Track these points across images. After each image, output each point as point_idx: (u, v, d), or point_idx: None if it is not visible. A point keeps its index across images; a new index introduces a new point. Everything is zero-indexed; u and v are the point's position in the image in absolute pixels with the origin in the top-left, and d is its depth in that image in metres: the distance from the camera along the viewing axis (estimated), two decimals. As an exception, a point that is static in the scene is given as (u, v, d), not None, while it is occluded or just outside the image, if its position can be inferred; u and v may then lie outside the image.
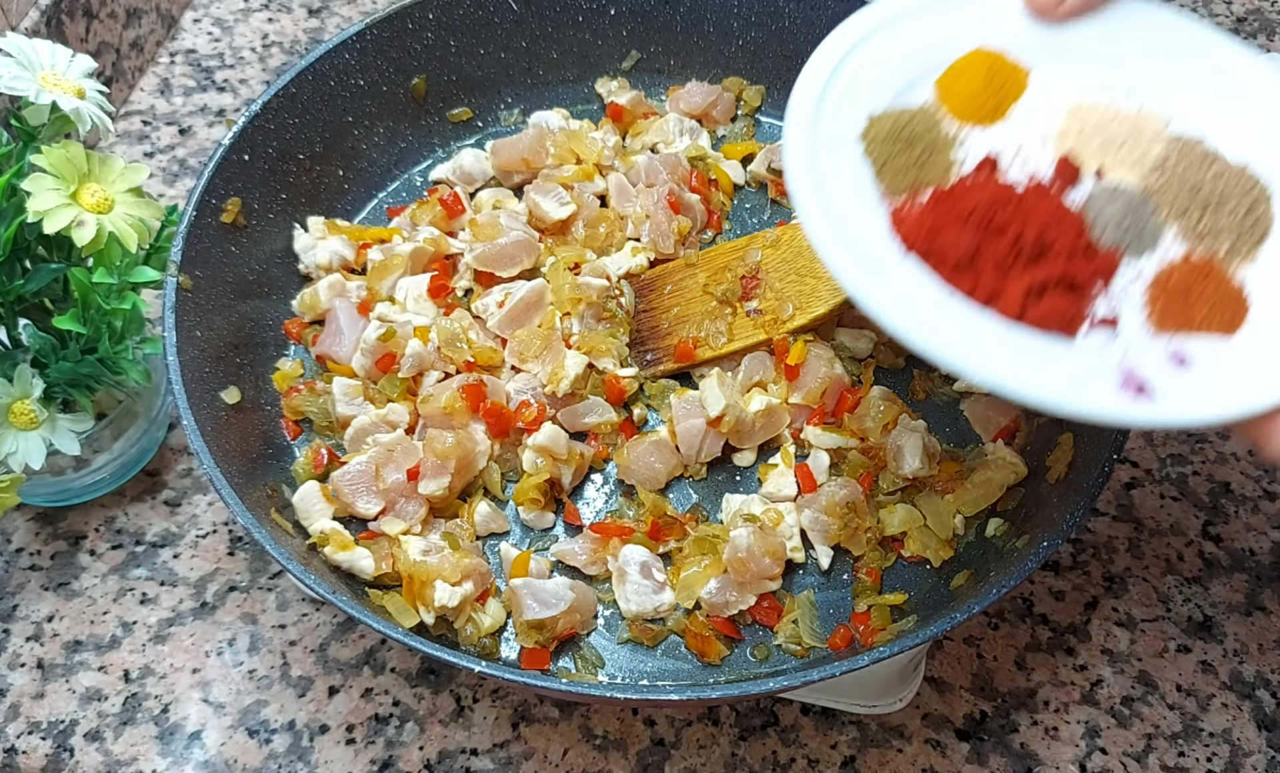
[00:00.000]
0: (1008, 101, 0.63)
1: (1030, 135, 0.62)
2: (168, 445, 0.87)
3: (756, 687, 0.62)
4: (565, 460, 0.76)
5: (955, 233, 0.56)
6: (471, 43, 0.94)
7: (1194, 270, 0.58)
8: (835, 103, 0.61)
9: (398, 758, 0.72)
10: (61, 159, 0.66)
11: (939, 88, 0.63)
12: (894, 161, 0.60)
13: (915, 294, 0.55)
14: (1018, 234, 0.56)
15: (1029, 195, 0.58)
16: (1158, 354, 0.55)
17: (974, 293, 0.55)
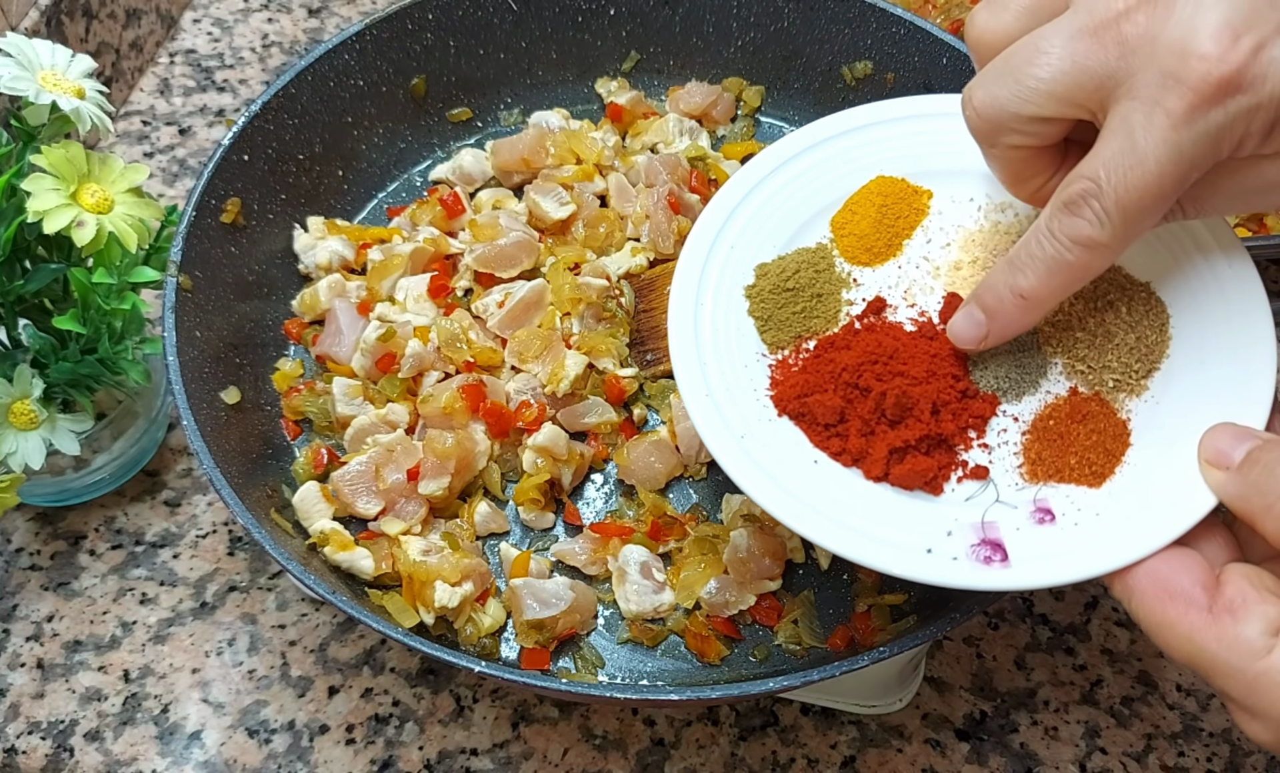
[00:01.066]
0: (903, 233, 0.62)
1: (922, 271, 0.61)
2: (168, 445, 0.87)
3: (756, 687, 0.62)
4: (565, 461, 0.76)
5: (823, 395, 0.56)
6: (471, 43, 0.94)
7: (1074, 411, 0.56)
8: (725, 253, 0.60)
9: (398, 758, 0.72)
10: (61, 159, 0.66)
11: (833, 226, 0.61)
12: (778, 314, 0.59)
13: (780, 462, 0.55)
14: (880, 395, 0.55)
15: (907, 342, 0.57)
16: (1022, 510, 0.54)
17: (841, 456, 0.56)
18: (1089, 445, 0.55)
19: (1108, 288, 0.58)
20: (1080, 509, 0.54)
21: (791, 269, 0.60)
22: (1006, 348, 0.57)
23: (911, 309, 0.60)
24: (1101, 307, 0.57)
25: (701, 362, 0.57)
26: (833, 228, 0.61)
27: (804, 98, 0.96)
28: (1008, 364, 0.57)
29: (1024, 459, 0.56)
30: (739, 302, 0.60)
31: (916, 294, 0.60)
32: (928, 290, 0.60)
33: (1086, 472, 0.55)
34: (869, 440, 0.56)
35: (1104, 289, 0.58)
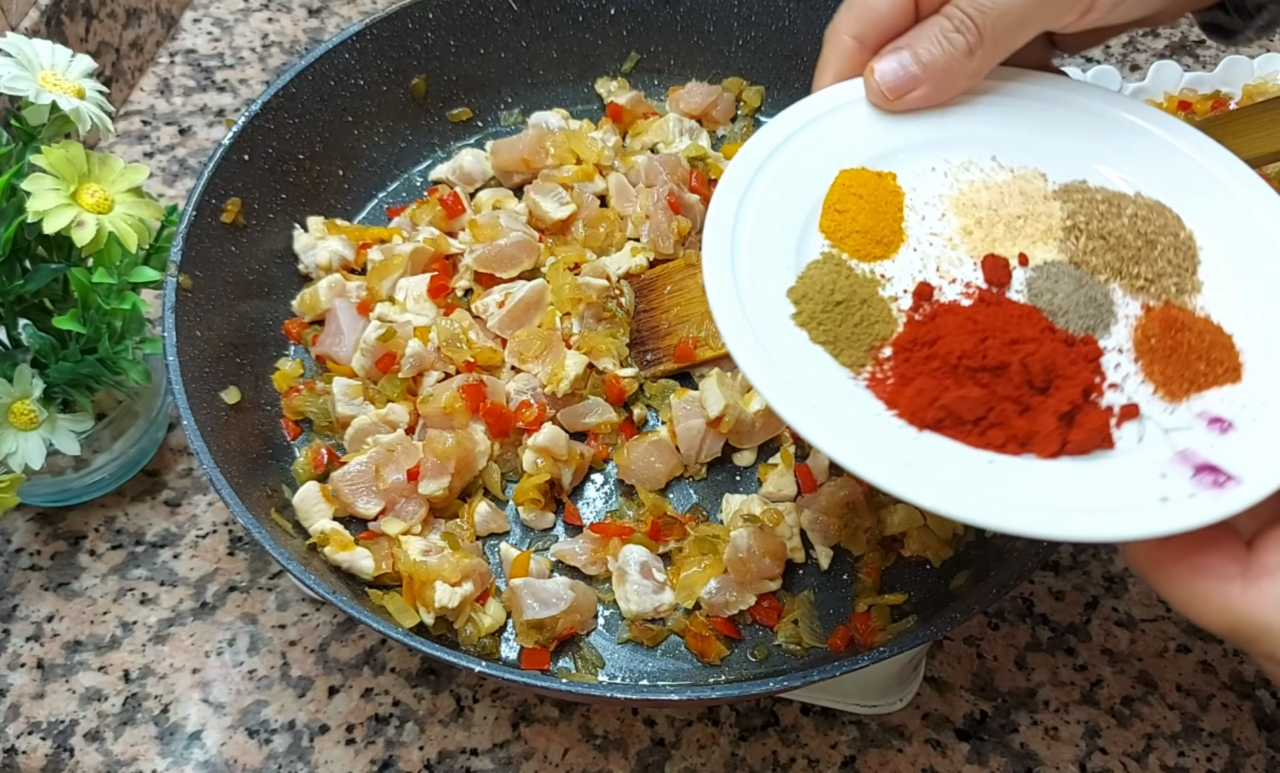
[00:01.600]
0: (898, 217, 0.60)
1: (937, 247, 0.59)
2: (168, 445, 0.87)
3: (756, 687, 0.62)
4: (565, 461, 0.76)
5: (960, 391, 0.52)
6: (471, 43, 0.94)
7: (1166, 323, 0.56)
8: (750, 289, 0.56)
9: (398, 758, 0.72)
10: (61, 159, 0.66)
11: (827, 233, 0.59)
12: (842, 332, 0.55)
13: (957, 472, 0.50)
14: (1021, 365, 0.52)
15: (985, 314, 0.55)
16: (1196, 428, 0.52)
17: (1007, 446, 0.51)
18: (1205, 347, 0.55)
19: (1127, 203, 0.59)
20: (1245, 406, 0.53)
21: (828, 282, 0.56)
22: (1068, 287, 0.57)
23: (954, 285, 0.57)
24: (1134, 220, 0.58)
25: (814, 408, 0.52)
26: (827, 235, 0.59)
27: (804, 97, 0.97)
28: (1078, 300, 0.56)
29: (1154, 384, 0.54)
30: (794, 333, 0.55)
31: (949, 268, 0.58)
32: (956, 263, 0.58)
33: (1220, 370, 0.54)
34: (1030, 417, 0.51)
35: (1124, 204, 0.59)
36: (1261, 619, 0.45)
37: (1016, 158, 0.62)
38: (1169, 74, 1.01)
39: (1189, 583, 0.48)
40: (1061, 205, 0.60)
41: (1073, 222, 0.59)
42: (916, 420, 0.52)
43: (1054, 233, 0.59)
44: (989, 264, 0.58)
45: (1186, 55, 1.18)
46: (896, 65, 0.58)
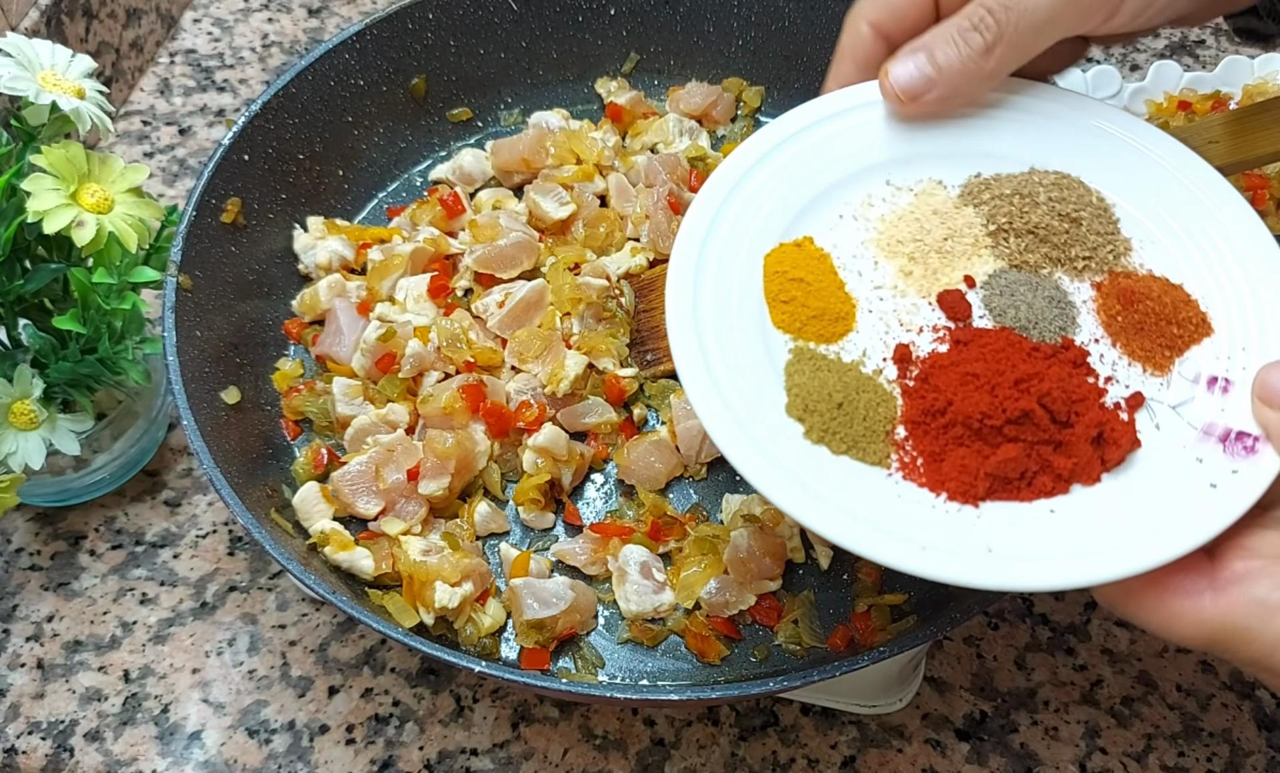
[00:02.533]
0: (838, 287, 0.58)
1: (888, 299, 0.58)
2: (168, 445, 0.87)
3: (756, 687, 0.62)
4: (565, 461, 0.76)
5: (998, 454, 0.52)
6: (471, 43, 0.94)
7: (1122, 296, 0.56)
8: (750, 419, 0.53)
9: (398, 758, 0.72)
10: (61, 159, 0.66)
11: (783, 330, 0.56)
12: (857, 433, 0.53)
13: (1039, 544, 0.50)
14: (1041, 406, 0.52)
15: (973, 356, 0.54)
16: (1199, 397, 0.53)
17: (1059, 487, 0.51)
18: (1168, 309, 0.56)
19: (1033, 185, 0.59)
20: (1230, 357, 0.54)
21: (821, 386, 0.54)
22: (1026, 295, 0.57)
23: (923, 334, 0.56)
24: (1050, 203, 0.59)
25: (880, 529, 0.50)
26: (785, 330, 0.56)
27: (804, 98, 0.95)
28: (1039, 306, 0.56)
29: (1140, 361, 0.55)
30: (814, 451, 0.53)
31: (910, 318, 0.57)
32: (913, 310, 0.57)
33: (1192, 328, 0.55)
34: (1067, 452, 0.52)
35: (1031, 188, 0.59)
36: (1235, 623, 0.46)
37: (908, 174, 0.61)
38: (1169, 74, 1.01)
39: (1161, 606, 0.48)
40: (974, 210, 0.60)
41: (995, 224, 0.59)
42: (971, 498, 0.51)
43: (982, 242, 0.59)
44: (946, 301, 0.57)
45: (1186, 55, 1.18)
46: (912, 67, 0.56)
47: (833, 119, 0.61)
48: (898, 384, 0.55)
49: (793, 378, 0.55)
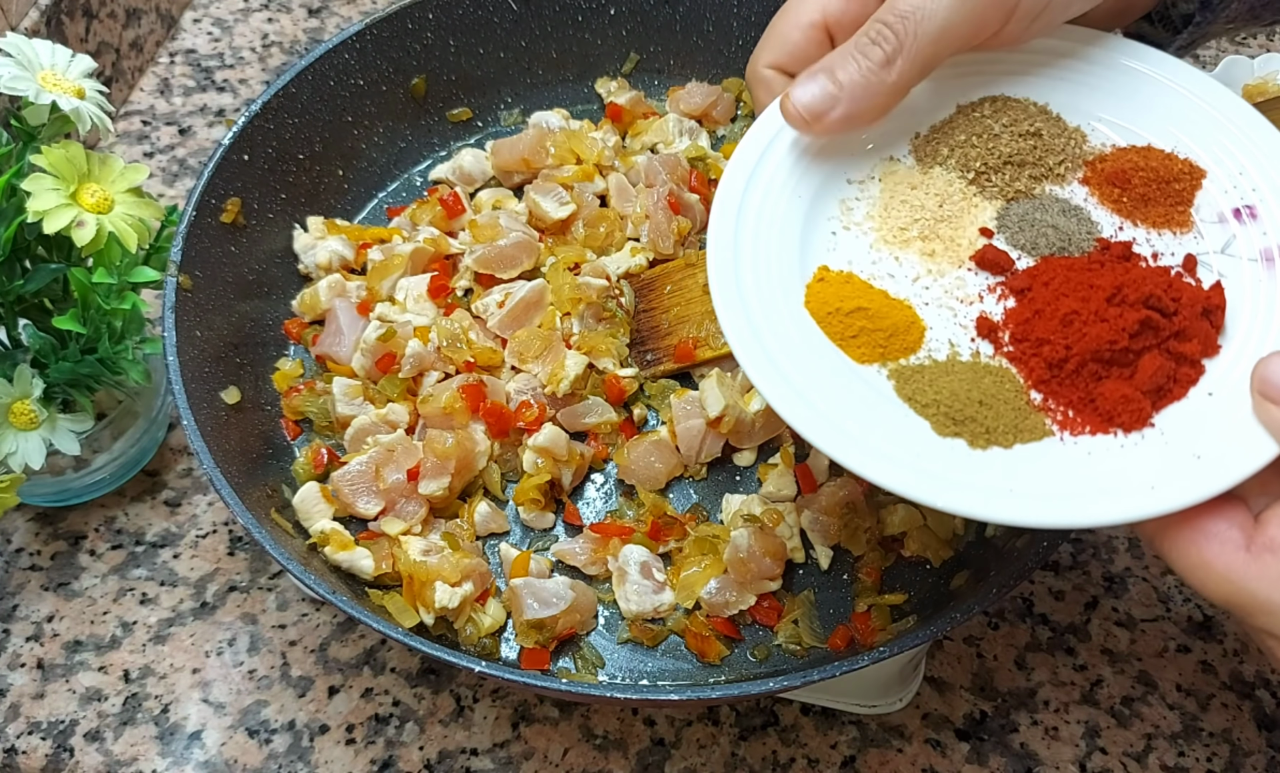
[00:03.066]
0: (887, 298, 0.57)
1: (934, 286, 0.58)
2: (168, 445, 0.87)
3: (756, 687, 0.62)
4: (565, 461, 0.76)
5: (1144, 368, 0.52)
6: (471, 43, 0.94)
7: (1116, 178, 0.59)
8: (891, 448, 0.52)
9: (398, 758, 0.72)
10: (61, 159, 0.66)
11: (872, 363, 0.55)
12: (1007, 421, 0.53)
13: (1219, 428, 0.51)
14: (1150, 304, 0.53)
15: (1049, 292, 0.55)
16: (1236, 230, 0.56)
17: (1197, 375, 0.53)
18: (1159, 169, 0.58)
19: (979, 119, 0.61)
20: (1235, 185, 0.58)
21: (950, 397, 0.53)
22: (1046, 218, 0.58)
23: (984, 300, 0.57)
24: (1007, 128, 0.61)
25: (1101, 491, 0.50)
26: (870, 361, 0.55)
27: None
28: (1062, 222, 0.58)
29: (1164, 227, 0.58)
30: (985, 457, 0.52)
31: (966, 291, 0.57)
32: (960, 283, 0.58)
33: (1188, 177, 0.59)
34: (1189, 336, 0.53)
35: (983, 121, 0.61)
36: (1261, 593, 0.45)
37: (861, 165, 0.61)
38: (1169, 74, 1.01)
39: (1194, 547, 0.48)
40: (942, 168, 0.60)
41: (972, 171, 0.60)
42: (1143, 421, 0.52)
43: (970, 193, 0.60)
44: (985, 261, 0.58)
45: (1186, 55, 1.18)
46: (815, 88, 0.56)
47: (763, 158, 0.60)
48: (1000, 356, 0.55)
49: (916, 400, 0.54)
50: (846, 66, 0.55)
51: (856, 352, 0.55)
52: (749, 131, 0.61)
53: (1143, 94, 0.62)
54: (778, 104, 0.59)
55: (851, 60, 0.55)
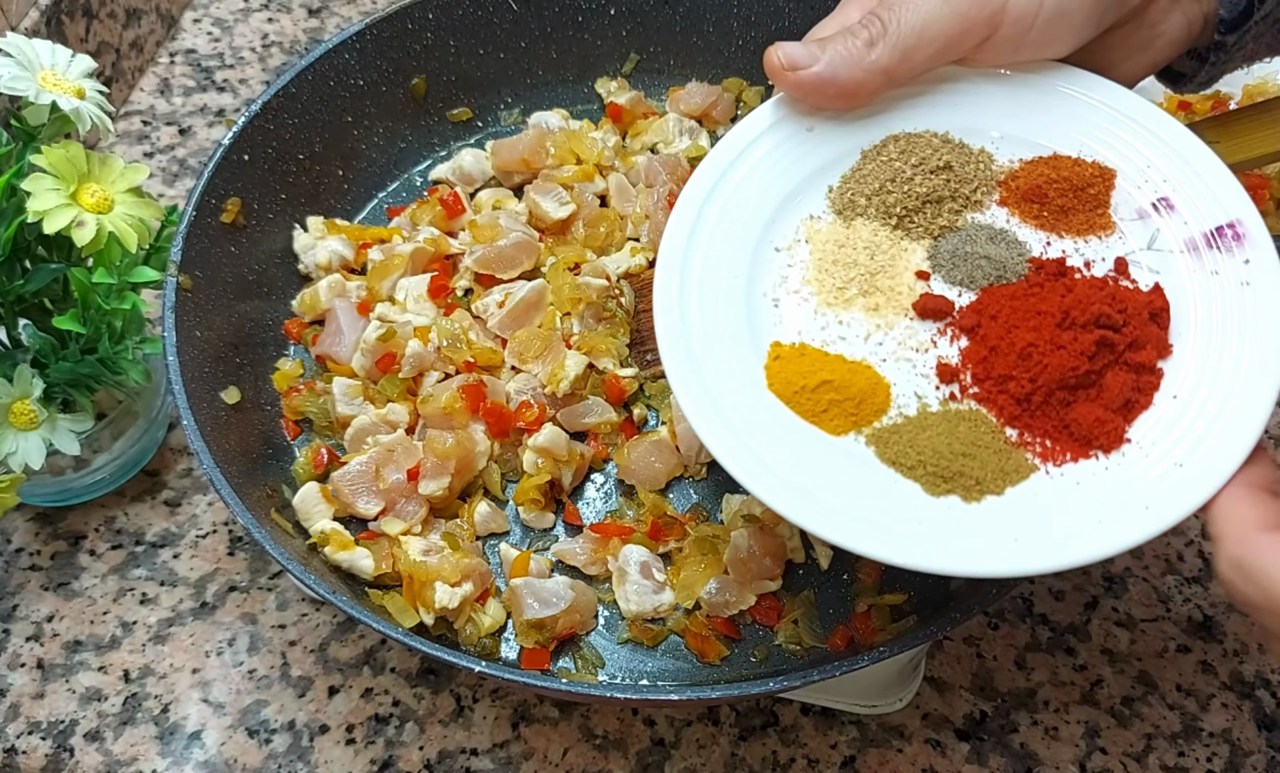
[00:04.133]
0: (842, 363, 0.57)
1: (886, 340, 0.58)
2: (168, 445, 0.87)
3: (756, 687, 0.62)
4: (565, 461, 0.76)
5: (1109, 387, 0.53)
6: (471, 43, 0.94)
7: (1028, 195, 0.59)
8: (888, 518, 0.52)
9: (398, 758, 0.72)
10: (61, 159, 0.66)
11: (846, 432, 0.55)
12: (993, 465, 0.53)
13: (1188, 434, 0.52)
14: (1101, 322, 0.54)
15: (1000, 328, 0.55)
16: (1161, 225, 0.57)
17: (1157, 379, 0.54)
18: (1070, 176, 0.59)
19: (889, 164, 0.61)
20: (1147, 179, 0.59)
21: (933, 454, 0.53)
22: (976, 249, 0.59)
23: (937, 345, 0.57)
24: (917, 168, 0.61)
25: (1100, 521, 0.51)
26: (845, 431, 0.55)
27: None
28: (992, 249, 0.58)
29: (1088, 234, 0.59)
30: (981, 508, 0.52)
31: (916, 339, 0.57)
32: (910, 332, 0.58)
33: (1099, 180, 0.60)
34: (1141, 343, 0.54)
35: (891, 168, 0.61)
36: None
37: (784, 229, 0.61)
38: (1169, 74, 1.01)
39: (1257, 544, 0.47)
40: (864, 220, 0.61)
41: (894, 218, 0.60)
42: (1119, 438, 0.53)
43: (896, 237, 0.60)
44: (926, 310, 0.58)
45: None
46: (799, 45, 0.59)
47: (690, 245, 0.60)
48: (968, 399, 0.55)
49: (901, 463, 0.54)
50: (835, 40, 0.58)
51: (830, 424, 0.55)
52: (672, 215, 0.60)
53: (1038, 103, 0.62)
54: (696, 177, 0.61)
55: (840, 36, 0.58)
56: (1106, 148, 0.60)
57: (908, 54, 0.57)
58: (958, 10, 0.57)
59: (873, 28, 0.57)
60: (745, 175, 0.61)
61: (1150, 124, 0.61)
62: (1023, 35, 0.58)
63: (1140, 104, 0.61)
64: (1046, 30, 0.58)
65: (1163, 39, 0.61)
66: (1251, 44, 0.61)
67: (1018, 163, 0.62)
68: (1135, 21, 0.60)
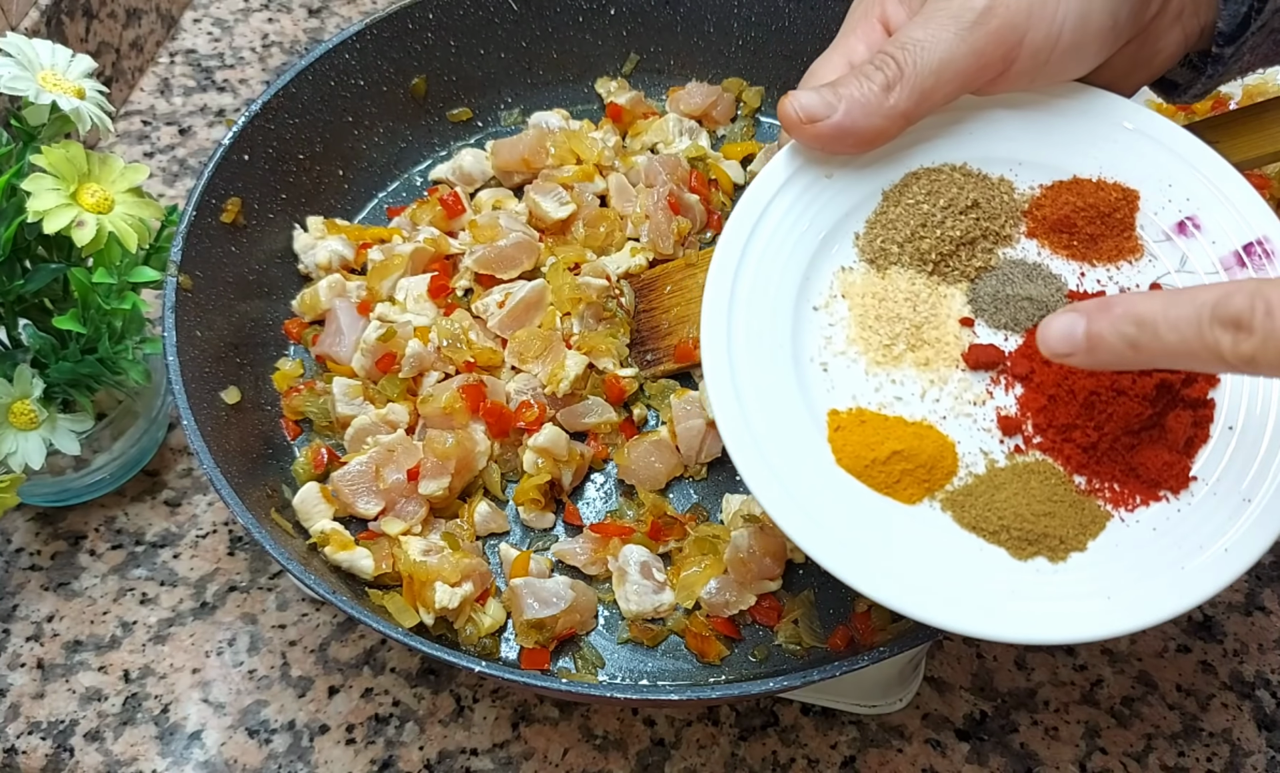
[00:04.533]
0: (905, 426, 0.55)
1: (944, 398, 0.56)
2: (168, 445, 0.87)
3: (756, 687, 0.62)
4: (565, 461, 0.76)
5: (1172, 428, 0.53)
6: (471, 43, 0.94)
7: (1056, 225, 0.59)
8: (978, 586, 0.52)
9: (398, 758, 0.72)
10: (61, 159, 0.66)
11: (921, 501, 0.54)
12: (1070, 519, 0.53)
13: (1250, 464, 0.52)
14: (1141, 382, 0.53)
15: (1048, 377, 0.54)
16: (1188, 245, 0.57)
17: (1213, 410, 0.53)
18: (1094, 202, 0.59)
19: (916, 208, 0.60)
20: (1170, 199, 0.59)
21: (1014, 517, 0.53)
22: (1016, 297, 0.58)
23: (994, 397, 0.56)
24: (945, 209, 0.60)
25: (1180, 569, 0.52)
26: (919, 500, 0.54)
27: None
28: (1028, 290, 0.58)
29: (1119, 260, 0.59)
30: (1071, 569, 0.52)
31: (971, 392, 0.56)
32: (964, 384, 0.56)
33: (1123, 203, 0.59)
34: (1194, 376, 0.53)
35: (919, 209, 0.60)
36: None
37: (819, 285, 0.59)
38: (1169, 74, 1.01)
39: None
40: (900, 269, 0.59)
41: (930, 264, 0.59)
42: (1185, 479, 0.53)
43: (934, 284, 0.59)
44: (976, 360, 0.57)
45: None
46: (816, 94, 0.56)
47: (731, 317, 0.58)
48: (1033, 450, 0.54)
49: (982, 528, 0.53)
50: (849, 85, 0.56)
51: (904, 494, 0.54)
52: (707, 287, 0.58)
53: (1052, 125, 0.61)
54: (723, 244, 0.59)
55: (855, 80, 0.56)
56: (1125, 167, 0.59)
57: (926, 96, 0.56)
58: (974, 48, 0.55)
59: (888, 70, 0.55)
60: (771, 235, 0.59)
61: (1166, 140, 0.59)
62: (1038, 68, 0.57)
63: (1154, 119, 0.60)
64: (1062, 61, 0.57)
65: (1161, 55, 0.61)
66: (1248, 56, 0.61)
67: (1038, 189, 0.60)
68: (1139, 40, 0.60)
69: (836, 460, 0.54)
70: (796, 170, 0.60)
